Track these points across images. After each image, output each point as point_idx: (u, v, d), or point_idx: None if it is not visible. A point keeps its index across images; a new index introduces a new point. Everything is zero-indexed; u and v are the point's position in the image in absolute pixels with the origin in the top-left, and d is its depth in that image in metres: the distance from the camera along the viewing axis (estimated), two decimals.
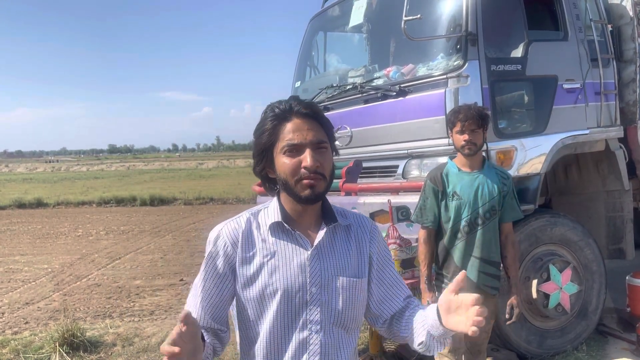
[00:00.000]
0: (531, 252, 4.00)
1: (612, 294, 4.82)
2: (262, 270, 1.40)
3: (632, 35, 4.55)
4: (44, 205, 19.50)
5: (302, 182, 1.36)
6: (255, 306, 1.41)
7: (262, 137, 1.40)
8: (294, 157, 1.36)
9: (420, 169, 3.93)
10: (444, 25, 4.00)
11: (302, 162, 1.35)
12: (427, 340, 1.44)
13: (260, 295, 1.40)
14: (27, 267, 8.86)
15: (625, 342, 4.37)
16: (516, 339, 3.95)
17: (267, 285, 1.40)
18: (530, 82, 4.10)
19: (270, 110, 1.42)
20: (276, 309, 1.39)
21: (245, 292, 1.42)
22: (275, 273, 1.40)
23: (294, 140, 1.36)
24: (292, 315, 1.40)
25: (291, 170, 1.36)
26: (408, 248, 3.34)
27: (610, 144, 4.43)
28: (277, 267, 1.40)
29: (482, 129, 2.99)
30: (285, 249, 1.42)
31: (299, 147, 1.36)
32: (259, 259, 1.41)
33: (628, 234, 4.57)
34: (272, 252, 1.41)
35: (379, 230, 1.59)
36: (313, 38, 5.46)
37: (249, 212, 1.50)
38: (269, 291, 1.40)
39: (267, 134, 1.39)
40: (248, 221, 1.46)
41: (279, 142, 1.38)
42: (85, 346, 4.75)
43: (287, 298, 1.39)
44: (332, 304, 1.42)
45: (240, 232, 1.43)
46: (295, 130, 1.37)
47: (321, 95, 4.75)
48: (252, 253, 1.42)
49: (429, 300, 3.02)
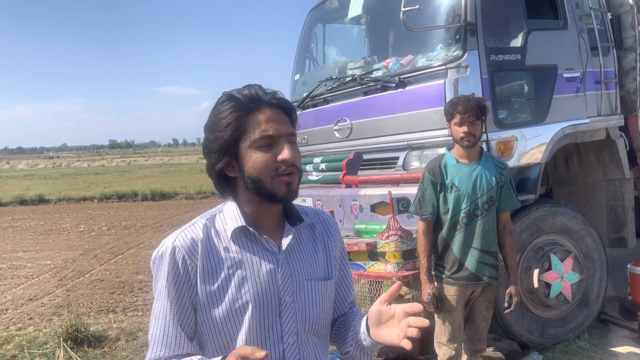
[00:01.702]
0: (532, 242, 4.00)
1: (614, 282, 4.83)
2: (229, 283, 1.23)
3: (632, 23, 4.52)
4: (45, 202, 19.54)
5: (278, 179, 1.22)
6: (222, 325, 1.24)
7: (225, 130, 1.22)
8: (268, 151, 1.22)
9: (420, 160, 3.93)
10: (443, 16, 3.98)
11: (280, 156, 1.21)
12: (353, 351, 1.36)
13: (227, 311, 1.23)
14: (30, 263, 8.89)
15: (627, 331, 4.39)
16: (518, 328, 3.96)
17: (235, 300, 1.23)
18: (530, 72, 4.08)
19: (229, 99, 1.24)
20: (248, 325, 1.24)
21: (208, 311, 1.24)
22: (244, 285, 1.24)
23: (269, 132, 1.21)
24: (266, 329, 1.25)
25: (267, 166, 1.21)
26: (409, 239, 3.35)
27: (611, 133, 4.42)
28: (245, 278, 1.24)
29: (480, 121, 2.99)
30: (252, 256, 1.26)
31: (274, 139, 1.22)
32: (224, 271, 1.24)
33: (629, 222, 4.57)
34: (238, 261, 1.25)
35: (338, 226, 1.50)
36: (312, 30, 5.44)
37: (202, 218, 1.31)
38: (238, 305, 1.23)
39: (232, 127, 1.21)
40: (205, 228, 1.27)
41: (248, 135, 1.22)
42: (90, 341, 4.78)
43: (260, 310, 1.24)
44: (306, 312, 1.30)
45: (198, 242, 1.24)
46: (268, 120, 1.22)
47: (320, 88, 4.74)
48: (214, 265, 1.24)
49: (429, 292, 3.03)
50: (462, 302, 3.08)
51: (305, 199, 4.46)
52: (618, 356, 3.99)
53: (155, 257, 1.27)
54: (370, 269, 3.47)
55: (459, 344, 3.13)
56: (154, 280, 1.29)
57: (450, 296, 3.05)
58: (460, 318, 3.10)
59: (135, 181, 26.87)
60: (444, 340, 3.11)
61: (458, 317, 3.08)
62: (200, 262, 1.24)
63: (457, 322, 3.08)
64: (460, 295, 3.06)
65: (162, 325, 1.24)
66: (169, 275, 1.24)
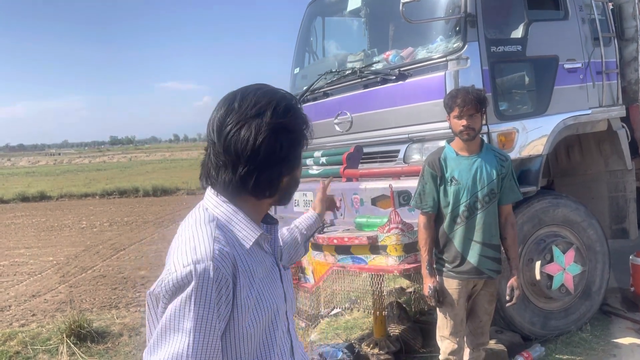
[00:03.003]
0: (534, 234, 3.99)
1: (616, 274, 4.83)
2: (261, 293, 1.20)
3: (633, 13, 4.49)
4: (47, 198, 19.57)
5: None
6: (262, 335, 1.21)
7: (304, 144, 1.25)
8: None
9: (421, 153, 3.91)
10: (443, 7, 3.95)
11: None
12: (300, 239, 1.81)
13: (266, 321, 1.22)
14: (33, 260, 8.92)
15: (629, 322, 4.38)
16: (520, 320, 3.96)
17: (269, 308, 1.22)
18: (530, 63, 4.06)
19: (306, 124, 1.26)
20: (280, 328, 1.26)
21: (249, 327, 1.17)
22: (272, 291, 1.25)
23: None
24: (284, 325, 1.31)
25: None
26: (410, 232, 3.34)
27: (613, 124, 4.39)
28: (269, 284, 1.25)
29: (480, 113, 2.96)
30: (263, 261, 1.26)
31: None
32: (255, 283, 1.20)
33: (631, 213, 4.55)
34: (260, 270, 1.23)
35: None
36: (311, 23, 5.40)
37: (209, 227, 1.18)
38: (272, 312, 1.23)
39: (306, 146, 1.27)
40: (228, 240, 1.17)
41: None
42: (93, 337, 4.80)
43: (282, 311, 1.29)
44: (293, 299, 1.42)
45: (235, 258, 1.16)
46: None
47: (320, 81, 4.72)
48: (248, 280, 1.18)
49: (430, 286, 3.03)
50: (464, 295, 3.07)
51: (305, 192, 4.45)
52: (620, 347, 3.99)
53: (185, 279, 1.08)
54: (372, 262, 3.46)
55: (461, 337, 3.12)
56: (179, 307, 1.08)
57: (451, 290, 3.04)
58: (462, 312, 3.09)
59: (137, 177, 26.90)
60: (446, 333, 3.10)
61: (460, 311, 3.07)
62: (240, 278, 1.15)
63: (459, 315, 3.07)
64: (462, 289, 3.04)
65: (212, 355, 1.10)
66: (217, 299, 1.10)
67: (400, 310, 4.45)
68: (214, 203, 1.23)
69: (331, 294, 3.83)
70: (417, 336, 4.20)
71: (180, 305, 1.07)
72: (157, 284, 1.13)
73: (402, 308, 4.51)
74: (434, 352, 3.91)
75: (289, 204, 4.78)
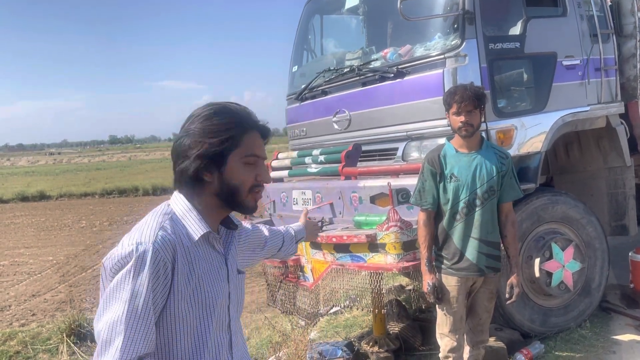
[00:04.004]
0: (533, 231, 3.99)
1: (615, 270, 4.83)
2: (200, 284, 1.34)
3: (632, 9, 4.48)
4: (47, 198, 19.58)
5: (253, 194, 1.41)
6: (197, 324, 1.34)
7: (219, 140, 1.34)
8: (252, 169, 1.40)
9: (420, 150, 3.90)
10: (441, 4, 3.94)
11: (259, 176, 1.41)
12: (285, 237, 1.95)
13: (202, 311, 1.35)
14: (32, 259, 8.92)
15: (628, 318, 4.39)
16: (519, 317, 3.96)
17: (206, 300, 1.35)
18: (529, 60, 4.04)
19: (228, 114, 1.39)
20: (215, 321, 1.38)
21: (185, 313, 1.32)
22: (212, 285, 1.37)
23: (258, 153, 1.41)
24: (223, 321, 1.43)
25: (250, 180, 1.39)
26: (409, 230, 3.33)
27: (611, 120, 4.39)
28: (211, 279, 1.38)
29: (479, 110, 2.96)
30: (212, 258, 1.40)
31: (258, 159, 1.41)
32: (195, 274, 1.34)
33: (630, 210, 4.55)
34: (203, 264, 1.37)
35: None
36: (309, 22, 5.39)
37: (162, 217, 1.36)
38: (209, 304, 1.36)
39: (228, 139, 1.35)
40: (174, 231, 1.34)
41: (240, 149, 1.37)
42: (93, 336, 4.79)
43: (221, 306, 1.40)
44: (239, 301, 1.52)
45: (176, 246, 1.31)
46: (259, 144, 1.42)
47: (318, 79, 4.71)
48: (189, 268, 1.33)
49: (429, 282, 3.02)
50: (463, 292, 3.06)
51: (304, 191, 4.45)
52: (620, 344, 3.99)
53: (127, 257, 1.26)
54: (371, 260, 3.46)
55: (461, 334, 3.11)
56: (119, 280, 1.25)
57: (451, 287, 3.04)
58: (461, 309, 3.08)
59: (136, 176, 26.89)
60: (445, 331, 3.10)
61: (459, 308, 3.06)
62: (178, 265, 1.30)
63: (458, 313, 3.07)
64: (461, 286, 3.04)
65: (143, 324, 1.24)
66: (151, 277, 1.25)
67: (400, 308, 4.45)
68: (175, 200, 1.42)
69: (330, 292, 3.83)
70: (416, 334, 4.21)
71: (121, 278, 1.25)
72: (107, 257, 1.31)
73: (401, 306, 4.51)
74: (434, 349, 3.91)
75: (289, 203, 4.78)
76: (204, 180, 1.37)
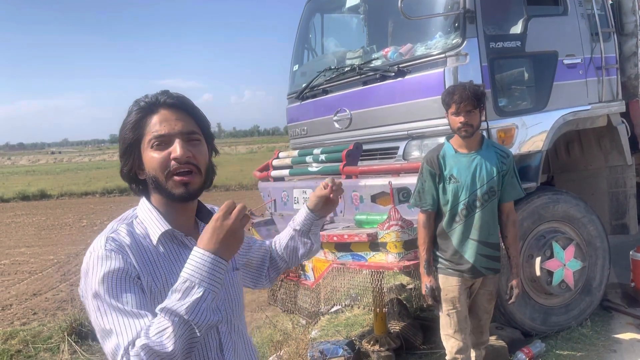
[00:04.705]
0: (534, 230, 3.99)
1: (616, 269, 4.83)
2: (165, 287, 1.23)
3: (633, 7, 4.47)
4: (47, 197, 19.60)
5: (173, 179, 1.26)
6: None
7: (126, 132, 1.29)
8: (163, 150, 1.26)
9: (420, 149, 3.90)
10: (442, 3, 3.93)
11: (172, 154, 1.25)
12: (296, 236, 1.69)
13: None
14: (33, 258, 8.93)
15: (629, 317, 4.38)
16: (520, 316, 3.96)
17: None
18: (530, 59, 4.04)
19: (135, 105, 1.31)
20: None
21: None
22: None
23: (161, 131, 1.26)
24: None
25: (160, 164, 1.25)
26: (410, 229, 3.33)
27: (612, 119, 4.38)
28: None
29: (478, 110, 2.92)
30: (180, 258, 1.29)
31: (167, 138, 1.26)
32: (158, 276, 1.26)
33: (631, 209, 4.55)
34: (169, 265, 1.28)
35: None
36: (310, 21, 5.39)
37: (119, 223, 1.31)
38: None
39: (131, 129, 1.28)
40: (129, 234, 1.27)
41: (145, 136, 1.27)
42: (94, 335, 4.79)
43: None
44: (232, 300, 1.40)
45: (127, 249, 1.24)
46: (162, 121, 1.27)
47: (319, 78, 4.71)
48: (148, 270, 1.25)
49: (427, 285, 3.01)
50: (464, 292, 3.04)
51: (305, 190, 4.45)
52: (621, 343, 3.99)
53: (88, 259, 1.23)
54: (372, 259, 3.46)
55: (467, 334, 3.06)
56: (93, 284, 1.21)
57: (452, 287, 3.01)
58: (464, 308, 3.05)
59: None
60: (450, 332, 3.04)
61: (462, 308, 3.03)
62: (139, 267, 1.23)
63: (461, 312, 3.03)
64: (462, 286, 3.02)
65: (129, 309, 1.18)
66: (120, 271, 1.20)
67: (401, 307, 4.45)
68: (140, 203, 1.36)
69: (331, 291, 3.83)
70: (417, 333, 4.21)
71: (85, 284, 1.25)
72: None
73: (402, 305, 4.51)
74: (435, 348, 3.92)
75: (290, 202, 4.76)
76: (142, 179, 1.31)
